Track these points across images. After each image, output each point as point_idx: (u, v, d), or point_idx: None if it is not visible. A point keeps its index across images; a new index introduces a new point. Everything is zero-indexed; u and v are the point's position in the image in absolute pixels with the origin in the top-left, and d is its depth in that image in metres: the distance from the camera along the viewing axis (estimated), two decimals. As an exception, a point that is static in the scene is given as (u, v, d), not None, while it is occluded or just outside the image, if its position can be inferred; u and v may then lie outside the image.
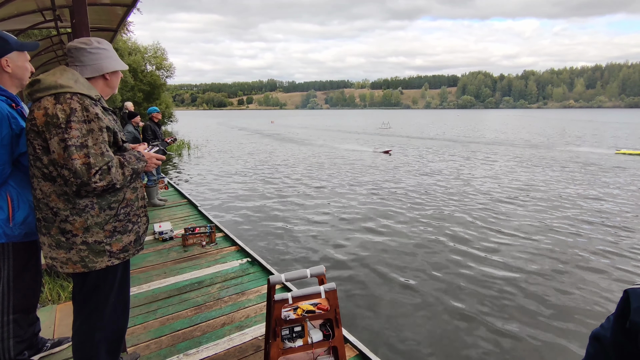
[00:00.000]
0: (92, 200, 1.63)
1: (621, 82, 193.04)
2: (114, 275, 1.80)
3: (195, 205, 6.69)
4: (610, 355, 0.77)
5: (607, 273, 5.07)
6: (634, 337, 0.69)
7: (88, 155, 1.52)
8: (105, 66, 1.76)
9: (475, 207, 8.33)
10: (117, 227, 1.72)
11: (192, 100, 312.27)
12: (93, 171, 1.53)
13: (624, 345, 0.73)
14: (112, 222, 1.70)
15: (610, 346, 0.77)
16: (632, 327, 0.69)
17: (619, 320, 0.75)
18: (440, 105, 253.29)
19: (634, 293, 0.71)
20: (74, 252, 1.63)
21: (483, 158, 16.56)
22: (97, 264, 1.67)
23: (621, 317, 0.74)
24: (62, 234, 1.62)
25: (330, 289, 2.28)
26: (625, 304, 0.73)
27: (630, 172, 12.65)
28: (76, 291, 1.79)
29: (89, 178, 1.52)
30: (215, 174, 13.15)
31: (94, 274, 1.72)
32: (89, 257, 1.65)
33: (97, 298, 1.77)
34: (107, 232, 1.68)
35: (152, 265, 4.15)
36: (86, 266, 1.66)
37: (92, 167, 1.52)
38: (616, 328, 0.75)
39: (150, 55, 31.18)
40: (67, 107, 1.52)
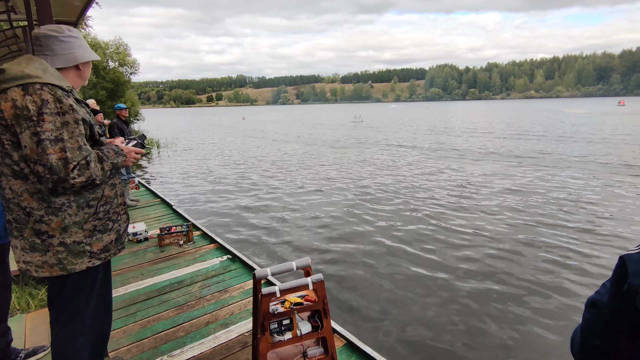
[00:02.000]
0: (69, 199, 1.53)
1: (577, 73, 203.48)
2: (95, 277, 1.71)
3: (170, 205, 6.50)
4: (609, 319, 0.80)
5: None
6: (632, 298, 0.72)
7: (64, 150, 1.42)
8: (78, 56, 1.65)
9: (459, 196, 8.57)
10: (97, 226, 1.63)
11: (158, 98, 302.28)
12: (71, 166, 1.43)
13: (622, 308, 0.76)
14: (91, 220, 1.60)
15: (607, 310, 0.80)
16: (630, 289, 0.72)
17: (615, 284, 0.77)
18: (410, 98, 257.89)
19: (630, 258, 0.75)
20: (51, 254, 1.53)
21: (456, 155, 17.01)
22: (77, 265, 1.58)
23: (618, 281, 0.77)
24: (36, 235, 1.51)
25: (317, 280, 2.28)
26: (622, 270, 0.76)
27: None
28: (54, 296, 1.68)
29: (67, 174, 1.42)
30: (188, 171, 12.82)
31: (73, 277, 1.62)
32: (67, 259, 1.55)
33: (78, 302, 1.67)
34: (86, 232, 1.59)
35: (128, 268, 4.00)
36: (65, 269, 1.56)
37: (69, 162, 1.43)
38: (613, 292, 0.78)
39: (112, 52, 29.88)
40: (38, 98, 1.41)
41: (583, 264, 4.98)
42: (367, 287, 4.47)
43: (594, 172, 10.87)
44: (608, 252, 5.31)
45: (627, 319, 0.75)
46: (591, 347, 0.84)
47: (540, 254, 5.32)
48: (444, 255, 5.29)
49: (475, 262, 5.08)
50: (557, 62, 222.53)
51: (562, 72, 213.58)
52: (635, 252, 0.75)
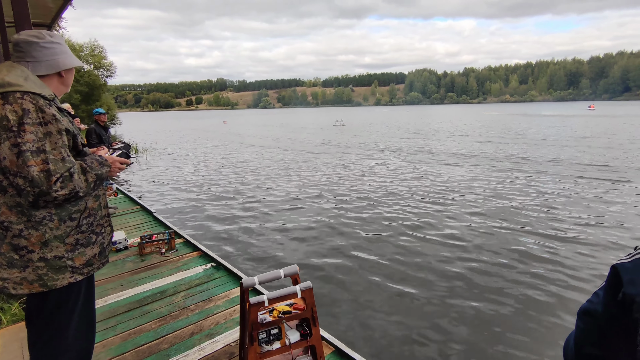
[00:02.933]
0: (50, 212, 1.47)
1: (549, 78, 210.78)
2: (78, 292, 1.63)
3: (150, 212, 6.32)
4: (603, 327, 0.81)
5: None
6: (628, 307, 0.73)
7: (46, 161, 1.37)
8: (61, 62, 1.59)
9: (441, 202, 8.69)
10: (79, 240, 1.56)
11: (136, 102, 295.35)
12: (54, 179, 1.37)
13: (617, 317, 0.77)
14: (74, 234, 1.54)
15: (602, 318, 0.81)
16: (625, 298, 0.73)
17: (609, 293, 0.79)
18: (390, 102, 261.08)
19: (623, 267, 0.76)
20: (30, 270, 1.46)
21: (436, 158, 17.29)
22: (58, 281, 1.51)
23: (612, 290, 0.78)
24: (14, 250, 1.44)
25: (306, 288, 2.26)
26: (615, 279, 0.77)
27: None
28: (33, 314, 1.60)
29: (49, 186, 1.36)
30: (168, 177, 12.55)
31: (54, 293, 1.54)
32: (48, 275, 1.48)
33: (60, 319, 1.59)
34: (68, 246, 1.52)
35: (106, 279, 3.86)
36: (45, 285, 1.48)
37: (52, 174, 1.37)
38: (608, 301, 0.79)
39: (87, 54, 29.09)
40: (19, 107, 1.35)
41: (567, 269, 5.12)
42: (356, 293, 4.47)
43: (571, 175, 11.25)
44: (596, 259, 5.46)
45: (622, 327, 0.76)
46: (586, 356, 0.85)
47: (524, 259, 5.44)
48: (432, 261, 5.34)
49: (462, 268, 5.16)
50: (531, 68, 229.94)
51: (535, 77, 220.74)
52: (627, 261, 0.77)
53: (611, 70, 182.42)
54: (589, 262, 5.17)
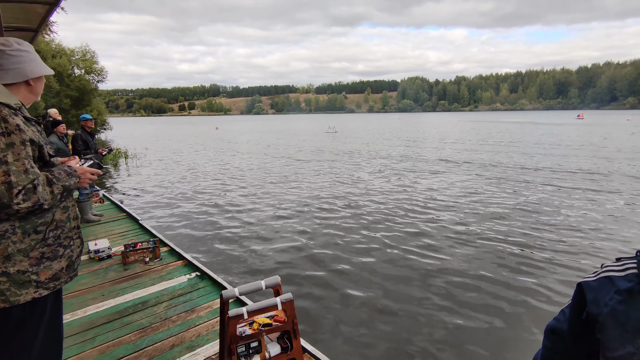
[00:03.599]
0: (13, 224, 1.42)
1: (539, 87, 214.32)
2: (43, 308, 1.57)
3: (136, 219, 6.23)
4: (569, 346, 0.80)
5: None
6: (592, 327, 0.72)
7: (8, 173, 1.33)
8: (29, 71, 1.55)
9: (428, 210, 8.72)
10: (45, 253, 1.51)
11: (128, 107, 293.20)
12: (15, 191, 1.33)
13: (582, 336, 0.76)
14: (39, 247, 1.49)
15: (568, 337, 0.80)
16: (589, 318, 0.73)
17: (575, 312, 0.78)
18: (383, 109, 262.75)
19: (588, 286, 0.75)
20: None
21: (424, 167, 17.38)
22: (22, 296, 1.45)
23: (577, 308, 0.77)
24: None
25: (287, 300, 2.23)
26: (580, 297, 0.76)
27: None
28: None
29: (11, 199, 1.32)
30: (157, 184, 12.42)
31: (17, 309, 1.48)
32: (10, 290, 1.42)
33: (23, 336, 1.53)
34: (33, 260, 1.47)
35: (87, 288, 3.78)
36: (7, 300, 1.42)
37: (13, 186, 1.33)
38: (573, 320, 0.78)
39: (78, 58, 28.83)
40: None
41: (546, 281, 5.15)
42: (338, 305, 4.42)
43: (564, 184, 11.37)
44: (578, 271, 5.52)
45: (588, 347, 0.75)
46: None
47: (508, 272, 5.46)
48: (417, 273, 5.31)
49: (445, 280, 5.14)
50: (521, 77, 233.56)
51: (525, 86, 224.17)
52: (592, 279, 0.75)
53: (599, 80, 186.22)
54: (571, 274, 5.20)
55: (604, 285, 0.72)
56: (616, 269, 0.73)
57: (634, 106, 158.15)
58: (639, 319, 0.64)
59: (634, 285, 0.67)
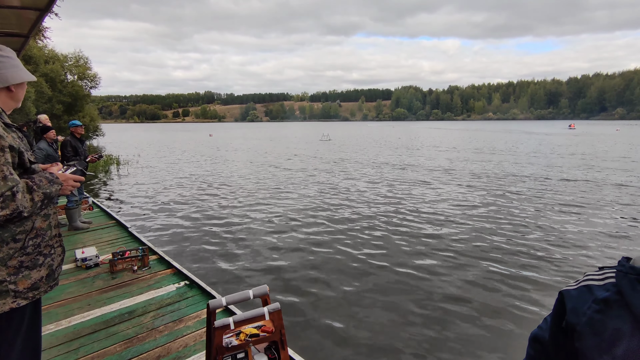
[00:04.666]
0: None
1: (530, 97, 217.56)
2: (21, 318, 1.53)
3: (125, 227, 6.15)
4: (550, 354, 0.79)
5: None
6: (571, 335, 0.72)
7: None
8: (10, 76, 1.54)
9: (420, 218, 8.73)
10: (24, 262, 1.48)
11: (121, 113, 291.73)
12: None
13: (562, 344, 0.76)
14: (17, 256, 1.45)
15: (549, 346, 0.79)
16: (567, 326, 0.72)
17: (555, 320, 0.77)
18: (377, 117, 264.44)
19: (568, 294, 0.75)
20: None
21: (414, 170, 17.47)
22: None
23: (558, 317, 0.77)
24: None
25: (274, 310, 2.19)
26: (560, 305, 0.76)
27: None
28: None
29: None
30: (148, 191, 12.30)
31: None
32: None
33: (0, 346, 1.49)
34: (11, 269, 1.44)
35: (73, 298, 3.71)
36: None
37: None
38: (554, 328, 0.78)
39: (72, 64, 28.70)
40: None
41: (532, 291, 5.16)
42: (327, 315, 4.37)
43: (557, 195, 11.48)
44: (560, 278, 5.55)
45: (568, 355, 0.75)
46: None
47: (497, 279, 5.47)
48: (406, 284, 5.29)
49: (435, 289, 5.14)
50: (512, 87, 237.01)
51: (516, 96, 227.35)
52: (573, 288, 0.75)
53: (588, 90, 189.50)
54: (562, 282, 5.22)
55: (583, 294, 0.72)
56: (596, 277, 0.73)
57: (622, 117, 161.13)
58: (616, 328, 0.63)
59: (610, 294, 0.67)
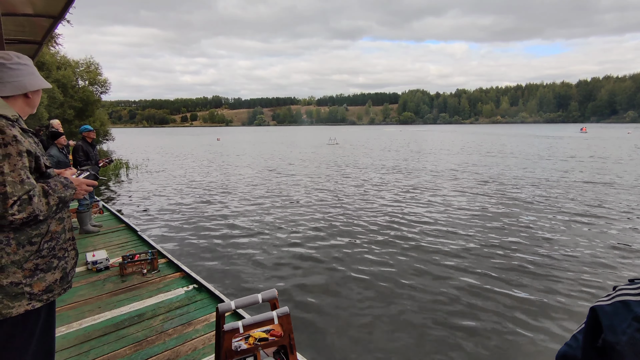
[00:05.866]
0: (7, 236, 1.42)
1: (539, 100, 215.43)
2: (36, 321, 1.55)
3: (135, 230, 6.22)
4: None
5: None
6: (608, 355, 0.68)
7: (4, 184, 1.33)
8: (28, 84, 1.58)
9: (425, 220, 8.68)
10: (39, 265, 1.50)
11: (130, 117, 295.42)
12: (10, 202, 1.33)
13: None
14: (33, 259, 1.48)
15: None
16: (605, 345, 0.68)
17: (589, 338, 0.74)
18: (384, 121, 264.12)
19: (602, 310, 0.71)
20: None
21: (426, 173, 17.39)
22: (14, 309, 1.44)
23: (591, 335, 0.73)
24: None
25: (283, 314, 2.20)
26: (594, 322, 0.72)
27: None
28: None
29: (5, 210, 1.32)
30: (157, 195, 12.42)
31: (9, 322, 1.46)
32: (2, 303, 1.41)
33: (15, 349, 1.51)
34: (27, 272, 1.46)
35: (84, 300, 3.75)
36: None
37: (8, 197, 1.33)
38: (587, 347, 0.74)
39: (83, 70, 29.24)
40: None
41: (555, 303, 5.09)
42: (336, 319, 4.35)
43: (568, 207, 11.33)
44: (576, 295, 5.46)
45: None
46: None
47: (509, 292, 5.40)
48: (416, 288, 5.26)
49: (448, 295, 5.10)
50: (521, 90, 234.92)
51: (525, 99, 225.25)
52: (606, 304, 0.71)
53: (598, 93, 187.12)
54: (580, 296, 5.13)
55: (619, 310, 0.68)
56: (632, 292, 0.68)
57: (634, 119, 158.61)
58: None
59: None
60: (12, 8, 4.11)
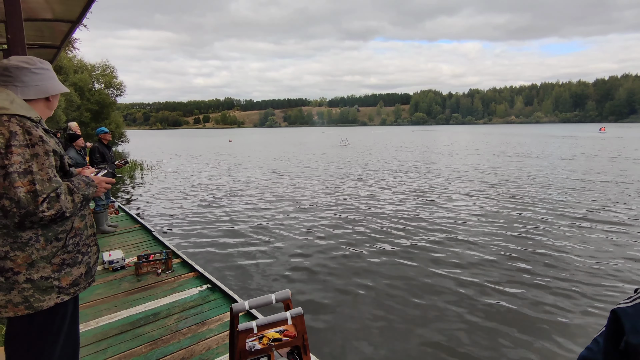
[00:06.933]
0: (36, 232, 1.48)
1: (554, 99, 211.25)
2: (64, 313, 1.63)
3: (149, 230, 6.32)
4: None
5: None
6: (632, 358, 0.67)
7: (33, 182, 1.38)
8: (50, 88, 1.64)
9: (444, 230, 8.60)
10: (65, 260, 1.57)
11: (144, 120, 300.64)
12: (40, 199, 1.39)
13: None
14: (60, 254, 1.55)
15: None
16: (629, 348, 0.67)
17: (610, 341, 0.73)
18: (395, 122, 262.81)
19: (624, 312, 0.70)
20: (16, 292, 1.46)
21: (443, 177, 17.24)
22: (45, 302, 1.51)
23: (613, 337, 0.72)
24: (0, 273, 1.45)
25: (297, 314, 2.20)
26: (616, 325, 0.71)
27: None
28: (18, 336, 1.58)
29: (36, 207, 1.38)
30: (171, 196, 12.59)
31: (40, 315, 1.54)
32: (34, 296, 1.48)
33: (45, 341, 1.58)
34: (55, 266, 1.53)
35: (101, 299, 3.82)
36: (31, 307, 1.48)
37: (38, 194, 1.38)
38: (609, 349, 0.73)
39: (99, 73, 29.83)
40: (6, 130, 1.38)
41: (573, 307, 4.99)
42: (350, 320, 4.35)
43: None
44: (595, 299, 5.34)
45: None
46: None
47: (530, 299, 5.31)
48: (431, 292, 5.21)
49: (464, 299, 5.04)
50: (536, 89, 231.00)
51: (540, 99, 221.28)
52: (628, 305, 0.70)
53: (617, 92, 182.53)
54: (600, 299, 5.02)
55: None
56: None
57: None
58: None
59: None
60: (33, 13, 4.22)
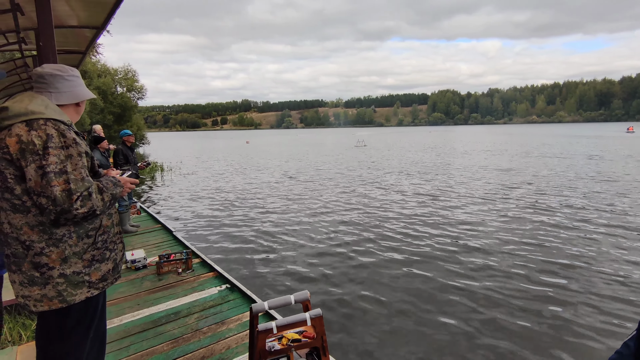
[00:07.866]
0: (69, 229, 1.56)
1: (578, 98, 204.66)
2: (95, 307, 1.72)
3: (170, 231, 6.44)
4: None
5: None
6: None
7: (68, 182, 1.48)
8: (80, 94, 1.75)
9: (463, 234, 8.47)
10: (95, 256, 1.65)
11: (164, 122, 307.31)
12: (74, 197, 1.47)
13: None
14: (90, 250, 1.63)
15: None
16: None
17: None
18: (412, 122, 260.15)
19: None
20: (50, 287, 1.53)
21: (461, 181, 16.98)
22: (77, 296, 1.59)
23: None
24: (35, 268, 1.52)
25: (316, 316, 2.20)
26: None
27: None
28: (51, 330, 1.64)
29: (71, 204, 1.46)
30: (191, 197, 12.82)
31: (74, 308, 1.62)
32: (67, 291, 1.56)
33: (77, 334, 1.66)
34: (85, 262, 1.61)
35: (124, 297, 3.92)
36: (64, 300, 1.56)
37: (73, 193, 1.47)
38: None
39: (121, 77, 30.70)
40: (43, 133, 1.47)
41: (592, 311, 4.83)
42: (369, 322, 4.32)
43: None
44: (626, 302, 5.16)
45: None
46: None
47: (547, 302, 5.17)
48: (452, 292, 5.13)
49: (485, 303, 4.94)
50: (558, 88, 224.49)
51: (563, 98, 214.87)
52: None
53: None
54: (618, 304, 4.84)
55: None
56: None
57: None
58: None
59: None
60: (60, 20, 4.38)
